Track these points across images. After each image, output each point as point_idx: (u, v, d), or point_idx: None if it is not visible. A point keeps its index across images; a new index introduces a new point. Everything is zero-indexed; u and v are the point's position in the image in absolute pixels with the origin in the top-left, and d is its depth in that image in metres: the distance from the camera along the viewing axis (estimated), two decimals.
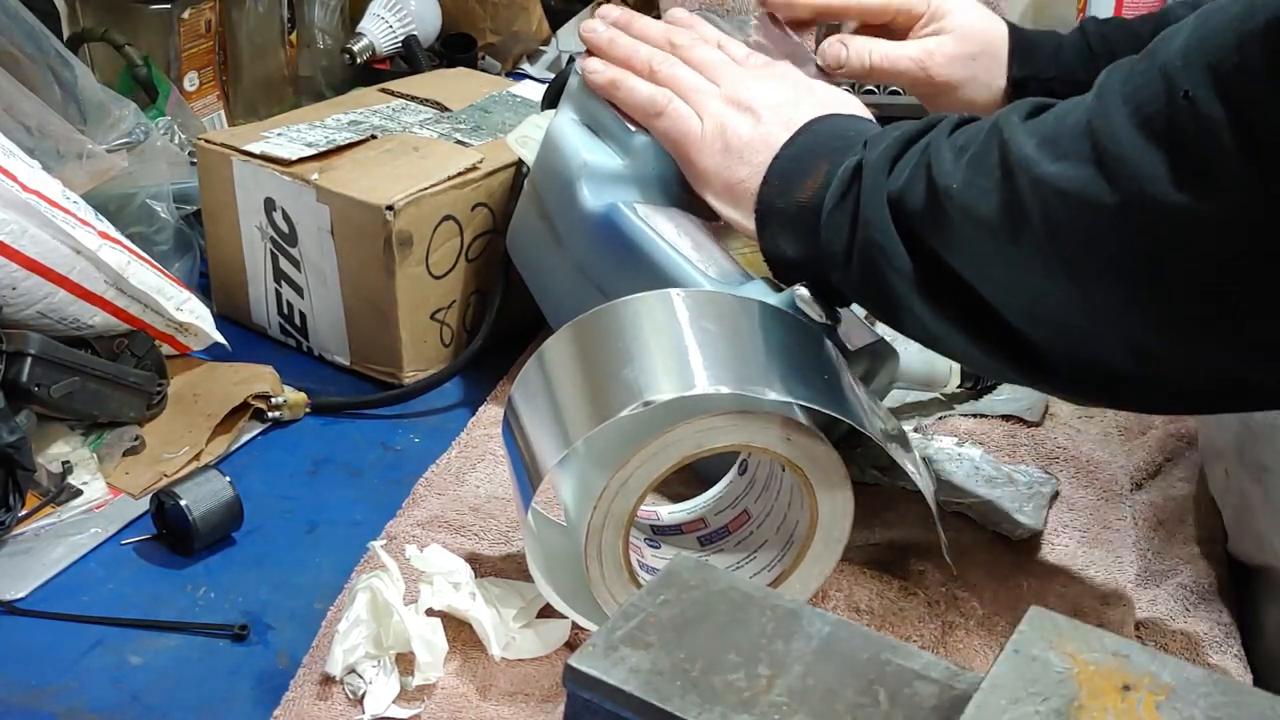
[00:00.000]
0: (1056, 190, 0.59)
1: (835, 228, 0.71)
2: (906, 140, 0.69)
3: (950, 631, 0.74)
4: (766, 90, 0.79)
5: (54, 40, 1.03)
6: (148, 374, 0.91)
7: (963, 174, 0.64)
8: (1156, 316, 0.59)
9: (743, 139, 0.78)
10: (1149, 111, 0.56)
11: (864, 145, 0.71)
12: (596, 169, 0.84)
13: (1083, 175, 0.58)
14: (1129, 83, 0.58)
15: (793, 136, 0.76)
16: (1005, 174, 0.62)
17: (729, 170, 0.78)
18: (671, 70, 0.83)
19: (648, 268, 0.81)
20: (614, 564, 0.70)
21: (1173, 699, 0.44)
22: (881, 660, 0.49)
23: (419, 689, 0.68)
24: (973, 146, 0.65)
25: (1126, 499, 0.86)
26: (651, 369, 0.67)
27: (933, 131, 0.69)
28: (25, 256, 0.83)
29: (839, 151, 0.73)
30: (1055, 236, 0.60)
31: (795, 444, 0.69)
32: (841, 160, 0.72)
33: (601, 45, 0.87)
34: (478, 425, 0.93)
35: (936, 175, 0.65)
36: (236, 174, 1.01)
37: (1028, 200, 0.61)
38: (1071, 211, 0.59)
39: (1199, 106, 0.54)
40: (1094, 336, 0.62)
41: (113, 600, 0.77)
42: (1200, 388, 0.63)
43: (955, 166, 0.65)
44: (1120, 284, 0.59)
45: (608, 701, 0.47)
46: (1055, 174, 0.59)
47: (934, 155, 0.66)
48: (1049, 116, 0.62)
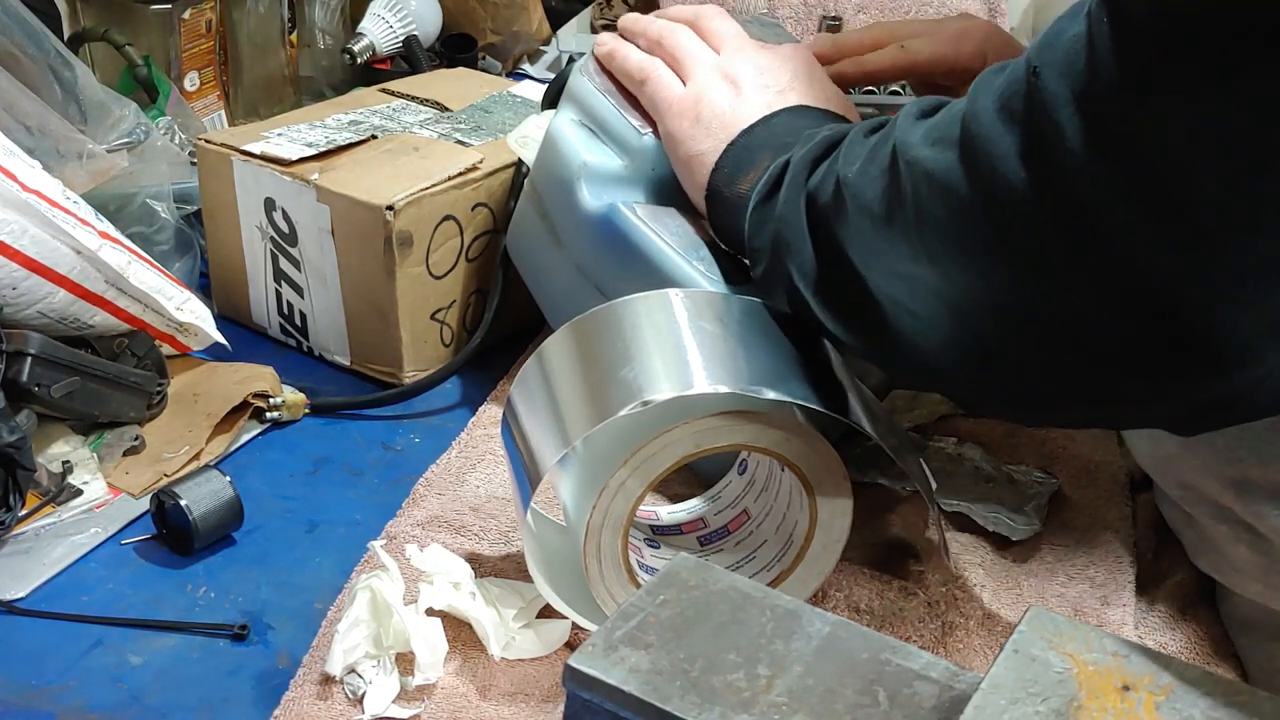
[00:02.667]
0: (925, 173, 0.59)
1: (756, 224, 0.71)
2: (833, 141, 0.69)
3: (950, 631, 0.74)
4: (760, 66, 0.79)
5: (54, 40, 1.03)
6: (148, 374, 0.91)
7: (858, 165, 0.64)
8: (1005, 311, 0.58)
9: (714, 111, 0.77)
10: (1009, 93, 0.55)
11: (802, 141, 0.71)
12: (596, 169, 0.84)
13: (948, 158, 0.58)
14: (1005, 69, 0.57)
15: (752, 125, 0.75)
16: (891, 161, 0.62)
17: (693, 140, 0.78)
18: (675, 38, 0.83)
19: (647, 268, 0.81)
20: (613, 564, 0.70)
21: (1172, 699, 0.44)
22: (881, 660, 0.49)
23: (419, 689, 0.68)
24: (875, 138, 0.65)
25: (1126, 499, 0.86)
26: (651, 369, 0.67)
27: (858, 128, 0.68)
28: (25, 256, 0.83)
29: (784, 147, 0.72)
30: (921, 220, 0.59)
31: (795, 444, 0.69)
32: (780, 155, 0.71)
33: (622, 26, 0.88)
34: (478, 425, 0.93)
35: (840, 168, 0.65)
36: (237, 174, 1.01)
37: (903, 185, 0.60)
38: (935, 192, 0.58)
39: (1043, 82, 0.53)
40: (952, 329, 0.61)
41: (113, 600, 0.77)
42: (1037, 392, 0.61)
43: (855, 157, 0.65)
44: (977, 273, 0.58)
45: (607, 701, 0.47)
46: (926, 157, 0.59)
47: (845, 150, 0.66)
48: (942, 109, 0.62)
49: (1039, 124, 0.53)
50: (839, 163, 0.66)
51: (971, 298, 0.59)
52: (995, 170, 0.55)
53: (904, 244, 0.61)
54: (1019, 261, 0.56)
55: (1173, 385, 0.56)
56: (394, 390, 0.97)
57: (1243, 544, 0.74)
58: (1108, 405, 0.61)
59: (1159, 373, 0.56)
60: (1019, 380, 0.61)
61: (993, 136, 0.55)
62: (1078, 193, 0.53)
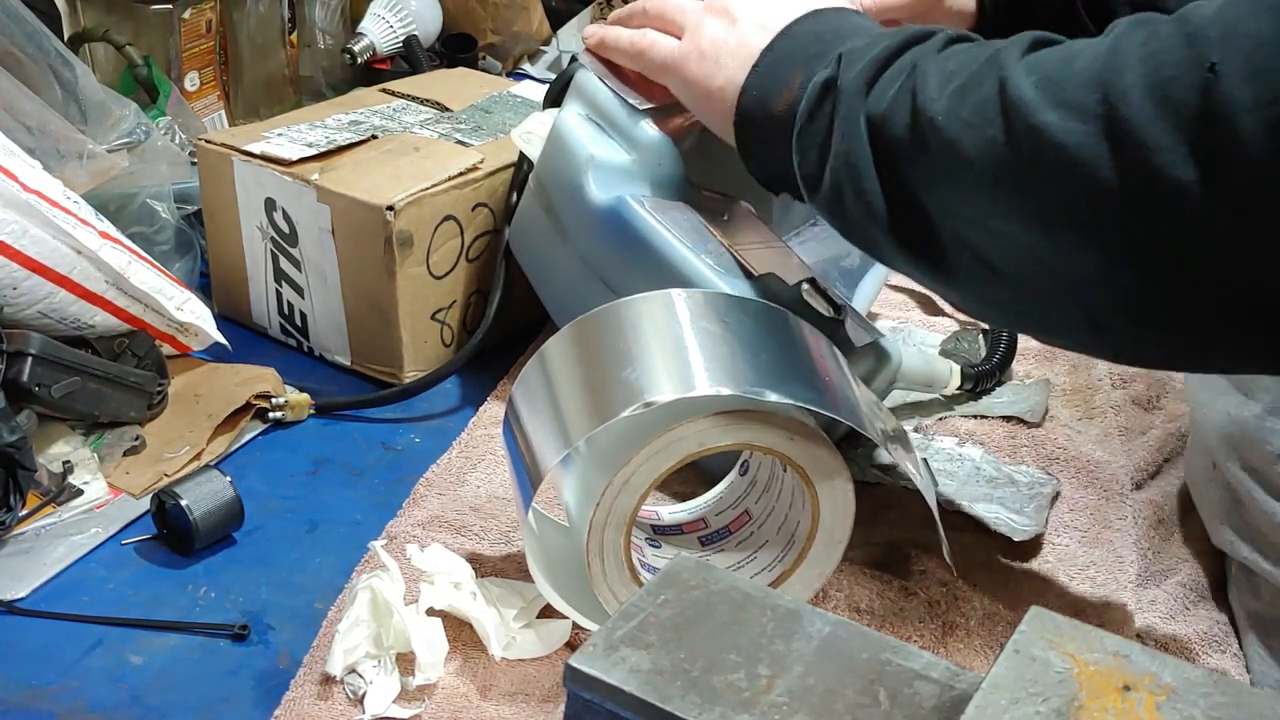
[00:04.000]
0: (1053, 142, 0.56)
1: (805, 149, 0.69)
2: (885, 58, 0.66)
3: (950, 631, 0.74)
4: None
5: (55, 40, 1.03)
6: (148, 374, 0.91)
7: (948, 103, 0.61)
8: (1124, 293, 0.57)
9: (716, 43, 0.76)
10: (1167, 76, 0.53)
11: (838, 60, 0.68)
12: (604, 163, 0.85)
13: (1082, 131, 0.55)
14: (1150, 43, 0.55)
15: (772, 42, 0.73)
16: (998, 112, 0.59)
17: (707, 78, 0.76)
18: (657, 5, 0.82)
19: (654, 260, 0.81)
20: (615, 562, 0.70)
21: (1173, 699, 0.44)
22: (882, 660, 0.49)
23: (419, 689, 0.68)
24: (962, 75, 0.62)
25: (1126, 499, 0.86)
26: (652, 370, 0.67)
27: (919, 47, 0.66)
28: (26, 256, 0.83)
29: (815, 59, 0.70)
30: (1041, 187, 0.57)
31: (797, 444, 0.69)
32: (815, 70, 0.69)
33: (610, 19, 0.88)
34: (478, 425, 0.93)
35: (921, 103, 0.62)
36: (237, 174, 1.01)
37: (1019, 145, 0.58)
38: (1065, 166, 0.56)
39: (1224, 83, 0.51)
40: (1054, 295, 0.60)
41: (113, 600, 0.77)
42: (1143, 358, 0.63)
43: (941, 94, 0.62)
44: (1098, 253, 0.57)
45: (608, 701, 0.47)
46: (1053, 123, 0.56)
47: (919, 80, 0.63)
48: (1051, 56, 0.59)
49: (1214, 126, 0.51)
50: (918, 94, 0.62)
51: (1086, 272, 0.57)
52: (1150, 163, 0.53)
53: (1009, 204, 0.59)
54: (1161, 252, 0.55)
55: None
56: (397, 388, 0.97)
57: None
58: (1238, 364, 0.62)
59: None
60: (1133, 347, 0.61)
61: (1148, 127, 0.53)
62: (1257, 200, 0.51)
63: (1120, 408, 0.96)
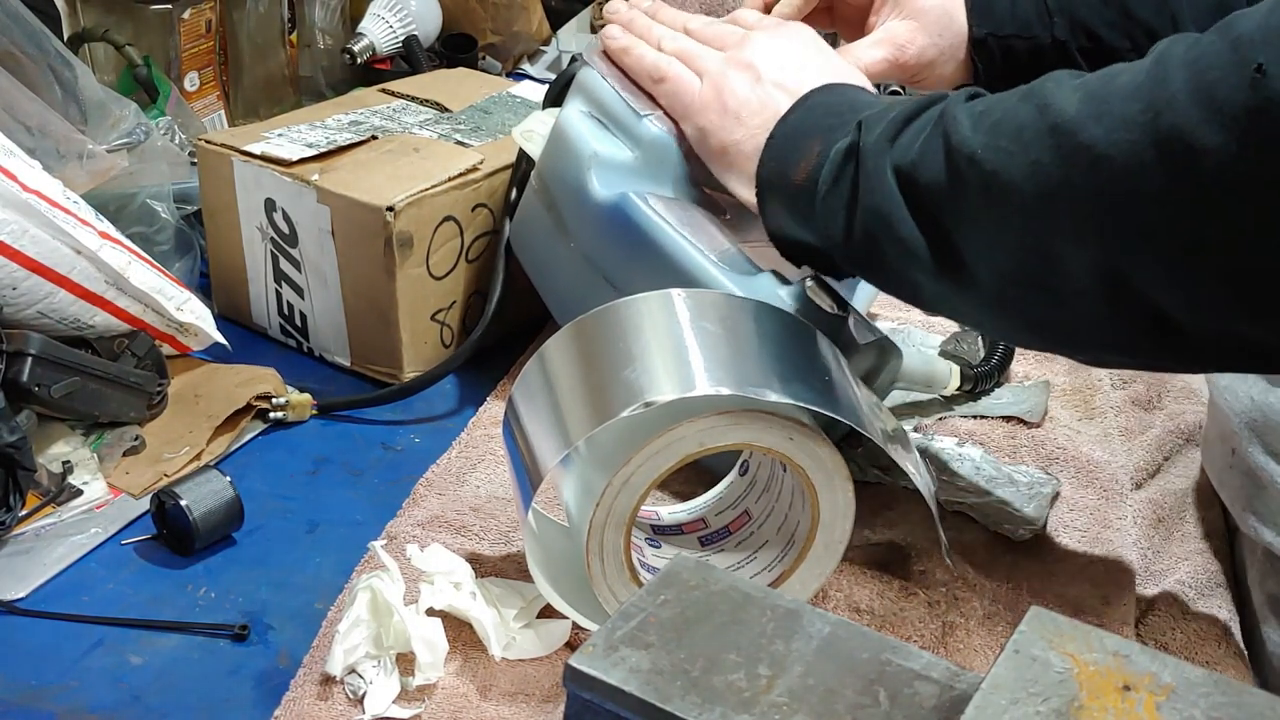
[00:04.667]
0: (1101, 155, 0.57)
1: (831, 212, 0.70)
2: (906, 118, 0.68)
3: (950, 631, 0.74)
4: (771, 50, 0.79)
5: (54, 40, 1.03)
6: (148, 374, 0.91)
7: (985, 138, 0.62)
8: (1189, 292, 0.58)
9: (739, 98, 0.77)
10: (1213, 79, 0.54)
11: (858, 127, 0.70)
12: (606, 160, 0.85)
13: (1130, 140, 0.56)
14: (1194, 49, 0.55)
15: (787, 113, 0.75)
16: (1042, 134, 0.60)
17: (724, 130, 0.78)
18: (678, 41, 0.83)
19: (657, 256, 0.81)
20: (615, 562, 0.70)
21: (1173, 699, 0.44)
22: (881, 660, 0.49)
23: (419, 689, 0.68)
24: (996, 112, 0.63)
25: (1126, 499, 0.86)
26: (652, 369, 0.67)
27: (942, 104, 0.67)
28: (26, 256, 0.83)
29: (833, 130, 0.72)
30: (1094, 202, 0.58)
31: (797, 444, 0.69)
32: (834, 140, 0.71)
33: (622, 21, 0.89)
34: (478, 425, 0.93)
35: (957, 143, 0.63)
36: (237, 174, 1.01)
37: (1068, 164, 0.58)
38: (1116, 178, 0.57)
39: (1272, 81, 0.52)
40: (1115, 306, 0.61)
41: (113, 600, 0.77)
42: (1217, 356, 0.62)
43: (976, 131, 0.63)
44: (1156, 258, 0.57)
45: (608, 701, 0.47)
46: (1099, 138, 0.57)
47: (950, 123, 0.65)
48: (1093, 78, 0.60)
49: (1264, 122, 0.52)
50: (951, 136, 0.64)
51: (1150, 274, 0.58)
52: (1202, 167, 0.54)
53: (1060, 225, 0.59)
54: (1219, 249, 0.55)
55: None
56: (396, 386, 0.97)
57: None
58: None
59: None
60: (1205, 351, 0.61)
61: (1196, 131, 0.54)
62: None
63: (1120, 408, 0.96)
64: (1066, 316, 0.63)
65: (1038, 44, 0.90)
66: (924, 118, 0.67)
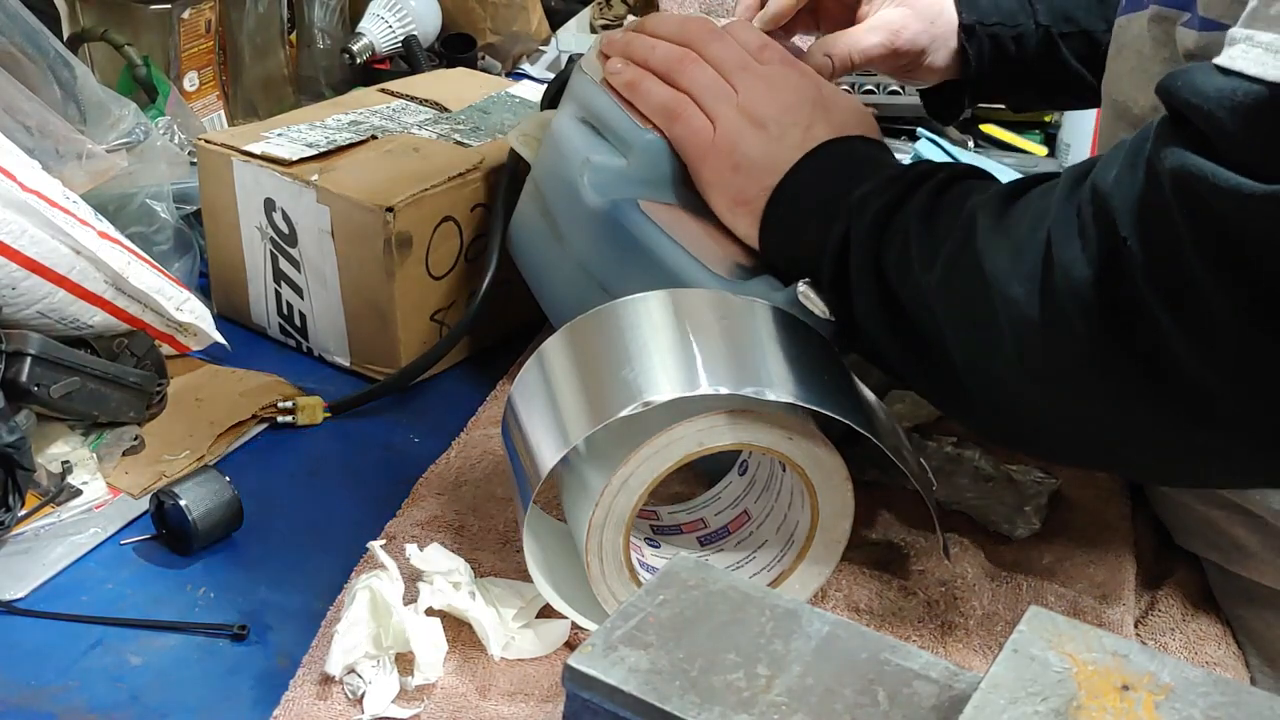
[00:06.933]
0: (1024, 317, 0.61)
1: (840, 295, 0.73)
2: (889, 208, 0.70)
3: (950, 631, 0.74)
4: (782, 102, 0.79)
5: (54, 40, 1.03)
6: (147, 374, 0.91)
7: (940, 276, 0.66)
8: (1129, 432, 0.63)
9: (752, 159, 0.78)
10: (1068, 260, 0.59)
11: (850, 210, 0.72)
12: (599, 166, 0.84)
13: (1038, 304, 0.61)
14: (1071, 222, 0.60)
15: (784, 179, 0.76)
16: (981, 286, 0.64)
17: (737, 189, 0.79)
18: (687, 73, 0.83)
19: (651, 263, 0.81)
20: (614, 562, 0.70)
21: (1172, 699, 0.44)
22: (881, 660, 0.49)
23: (419, 689, 0.68)
24: (949, 242, 0.66)
25: (1126, 499, 0.86)
26: (651, 369, 0.67)
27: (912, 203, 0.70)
28: (25, 256, 0.83)
29: (830, 204, 0.73)
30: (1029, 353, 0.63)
31: (796, 443, 0.69)
32: (831, 225, 0.73)
33: (619, 47, 0.87)
34: (478, 425, 0.93)
35: (919, 278, 0.67)
36: (236, 174, 1.01)
37: (999, 318, 0.63)
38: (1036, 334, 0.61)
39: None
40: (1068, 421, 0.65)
41: (112, 600, 0.77)
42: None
43: (930, 269, 0.67)
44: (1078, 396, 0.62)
45: (607, 701, 0.47)
46: (1020, 297, 0.61)
47: (916, 246, 0.68)
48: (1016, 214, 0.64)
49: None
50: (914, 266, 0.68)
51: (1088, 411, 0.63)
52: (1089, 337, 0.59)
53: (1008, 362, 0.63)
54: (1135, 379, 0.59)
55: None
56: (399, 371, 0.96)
57: (1239, 526, 0.76)
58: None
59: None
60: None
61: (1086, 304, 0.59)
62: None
63: None
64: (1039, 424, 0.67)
65: (1022, 31, 0.95)
66: (900, 219, 0.70)
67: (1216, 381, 0.56)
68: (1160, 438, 0.62)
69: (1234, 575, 0.77)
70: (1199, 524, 0.79)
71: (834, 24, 0.96)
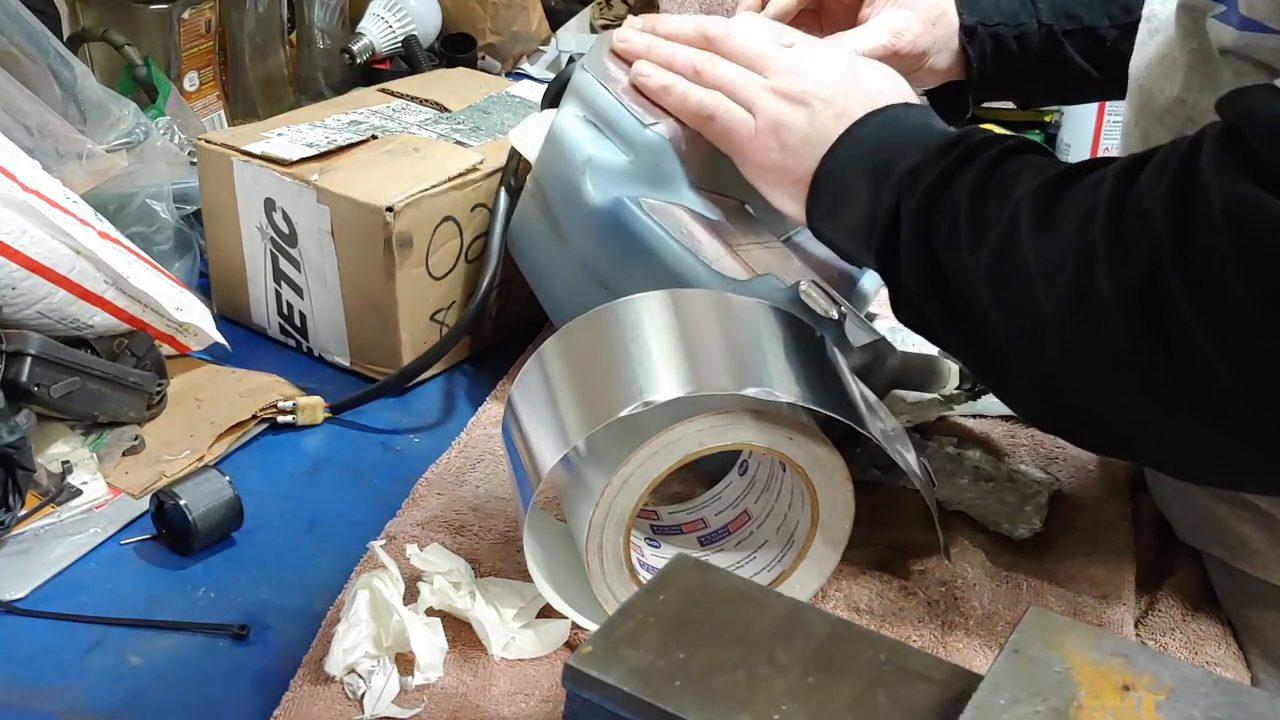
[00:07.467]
0: (1066, 315, 0.61)
1: (889, 269, 0.72)
2: (940, 183, 0.69)
3: (950, 631, 0.74)
4: (815, 78, 0.79)
5: (54, 40, 1.03)
6: (148, 374, 0.91)
7: (988, 262, 0.66)
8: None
9: (798, 136, 0.78)
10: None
11: (899, 185, 0.71)
12: (601, 164, 0.84)
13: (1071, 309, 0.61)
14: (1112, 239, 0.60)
15: (829, 152, 0.76)
16: (1024, 280, 0.64)
17: (788, 169, 0.78)
18: (715, 69, 0.83)
19: (652, 262, 0.81)
20: (615, 562, 0.70)
21: (1172, 699, 0.44)
22: (881, 660, 0.49)
23: (419, 689, 0.68)
24: (996, 230, 0.66)
25: (1126, 499, 0.86)
26: (651, 369, 0.67)
27: (962, 179, 0.69)
28: (25, 256, 0.83)
29: (879, 176, 0.73)
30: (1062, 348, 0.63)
31: (797, 444, 0.69)
32: (880, 195, 0.72)
33: (639, 52, 0.87)
34: (478, 425, 0.93)
35: (966, 260, 0.67)
36: (237, 174, 1.01)
37: (1043, 312, 0.63)
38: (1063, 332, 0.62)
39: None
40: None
41: (112, 600, 0.77)
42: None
43: (976, 256, 0.66)
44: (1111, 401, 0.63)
45: (607, 701, 0.47)
46: (1064, 296, 0.62)
47: (964, 231, 0.67)
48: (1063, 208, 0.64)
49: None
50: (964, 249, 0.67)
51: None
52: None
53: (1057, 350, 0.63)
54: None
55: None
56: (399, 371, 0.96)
57: (1246, 523, 0.75)
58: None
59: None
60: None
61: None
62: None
63: None
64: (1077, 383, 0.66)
65: (1025, 31, 0.94)
66: (951, 195, 0.69)
67: (1253, 403, 0.56)
68: (1192, 446, 0.62)
69: (1238, 574, 0.77)
70: (1204, 519, 0.79)
71: (835, 25, 0.96)
